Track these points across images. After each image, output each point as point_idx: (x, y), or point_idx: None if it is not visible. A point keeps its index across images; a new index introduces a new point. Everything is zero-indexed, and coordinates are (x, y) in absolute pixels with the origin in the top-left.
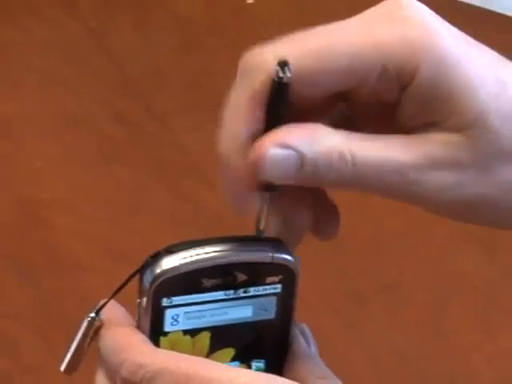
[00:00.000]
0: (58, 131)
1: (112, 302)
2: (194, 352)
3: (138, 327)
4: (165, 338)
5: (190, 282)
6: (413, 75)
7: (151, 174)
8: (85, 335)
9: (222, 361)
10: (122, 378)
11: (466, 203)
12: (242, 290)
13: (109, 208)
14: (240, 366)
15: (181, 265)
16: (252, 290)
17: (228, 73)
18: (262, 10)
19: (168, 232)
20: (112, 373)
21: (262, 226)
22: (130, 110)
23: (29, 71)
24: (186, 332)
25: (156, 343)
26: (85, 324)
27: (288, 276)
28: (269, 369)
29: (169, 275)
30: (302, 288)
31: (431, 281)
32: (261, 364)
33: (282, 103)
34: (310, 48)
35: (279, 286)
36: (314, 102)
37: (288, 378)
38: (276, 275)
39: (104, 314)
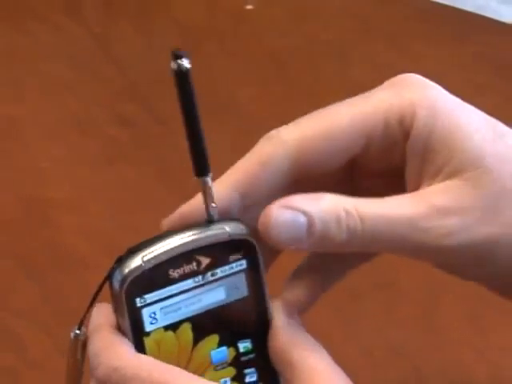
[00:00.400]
0: (63, 133)
1: (98, 305)
2: (180, 346)
3: (121, 332)
4: (148, 338)
5: (157, 276)
6: (411, 124)
7: (154, 175)
8: (73, 351)
9: (209, 349)
10: (97, 379)
11: (477, 247)
12: (209, 273)
13: (113, 207)
14: (228, 351)
15: (144, 262)
16: (219, 272)
17: (227, 76)
18: (261, 15)
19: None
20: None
21: (210, 209)
22: (132, 113)
23: (35, 75)
24: (166, 328)
25: (141, 345)
26: (72, 340)
27: (249, 250)
28: (255, 347)
29: (135, 274)
30: None
31: (424, 279)
32: (247, 343)
33: (189, 91)
34: (311, 125)
35: (244, 261)
36: (325, 179)
37: (273, 352)
38: (238, 251)
39: (91, 318)
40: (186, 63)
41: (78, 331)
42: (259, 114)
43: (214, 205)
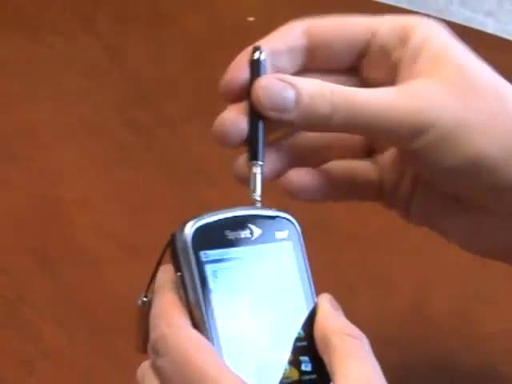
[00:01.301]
0: (77, 137)
1: (162, 266)
2: (240, 312)
3: (187, 303)
4: (214, 297)
5: (216, 235)
6: (412, 33)
7: (161, 176)
8: (140, 316)
9: (266, 324)
10: (151, 340)
11: (451, 131)
12: (261, 246)
13: (123, 206)
14: (283, 331)
15: (203, 218)
16: (270, 248)
17: None
18: (261, 27)
19: (176, 228)
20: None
21: (257, 196)
22: (141, 118)
23: (51, 83)
24: (228, 291)
25: (209, 303)
26: (138, 306)
27: (293, 232)
28: (306, 335)
29: (198, 225)
30: None
31: (415, 272)
32: (300, 330)
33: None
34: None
35: (290, 243)
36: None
37: (317, 337)
38: (283, 230)
39: (157, 278)
40: (261, 55)
41: (144, 298)
42: None
43: (258, 197)
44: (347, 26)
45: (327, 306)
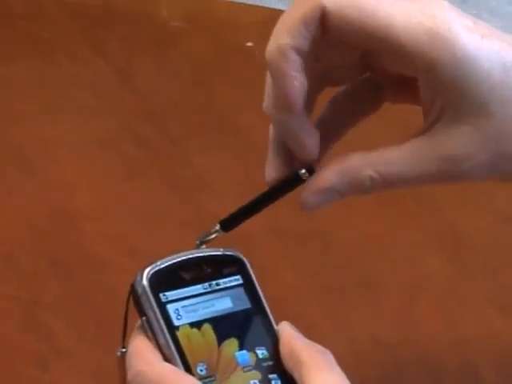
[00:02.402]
0: (88, 152)
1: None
2: (207, 344)
3: (156, 342)
4: (179, 332)
5: (172, 277)
6: (431, 63)
7: (167, 189)
8: (122, 365)
9: (232, 351)
10: (129, 380)
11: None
12: (214, 282)
13: (131, 216)
14: (249, 354)
15: (158, 264)
16: (221, 283)
17: (231, 103)
18: (259, 51)
19: (180, 237)
20: None
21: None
22: (149, 135)
23: (65, 102)
24: (191, 325)
25: (175, 339)
26: (118, 357)
27: (242, 266)
28: (271, 355)
29: (153, 270)
30: (292, 282)
31: (403, 278)
32: (264, 351)
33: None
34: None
35: (239, 276)
36: (344, 61)
37: (284, 356)
38: (232, 266)
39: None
40: (304, 175)
41: (122, 350)
42: (256, 136)
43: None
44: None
45: (290, 329)
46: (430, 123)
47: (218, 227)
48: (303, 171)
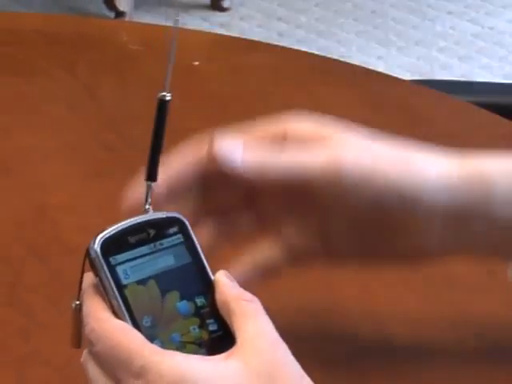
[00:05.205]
0: (61, 157)
1: (85, 275)
2: (151, 298)
3: (108, 300)
4: (126, 290)
5: (120, 242)
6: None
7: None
8: (76, 317)
9: (174, 302)
10: (86, 335)
11: None
12: (158, 243)
13: (99, 209)
14: (189, 304)
15: (109, 231)
16: (165, 243)
17: (180, 113)
18: (204, 69)
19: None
20: None
21: (147, 206)
22: (112, 141)
23: (40, 115)
24: (138, 283)
25: (124, 296)
26: (73, 309)
27: (182, 226)
28: (209, 303)
29: (104, 238)
30: (289, 283)
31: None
32: (202, 299)
33: (164, 116)
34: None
35: (180, 235)
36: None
37: (219, 304)
38: (174, 227)
39: (83, 285)
40: (167, 96)
41: (77, 302)
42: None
43: (148, 206)
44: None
45: (224, 278)
46: None
47: (147, 183)
48: (164, 94)
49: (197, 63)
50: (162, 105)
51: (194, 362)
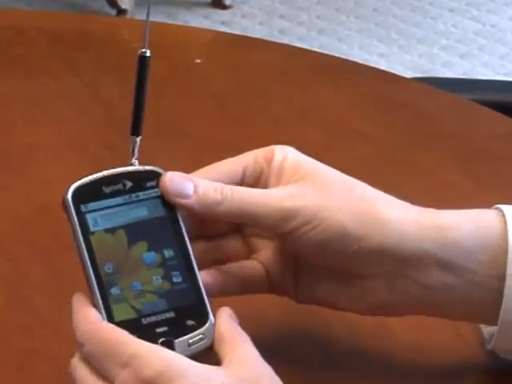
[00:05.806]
0: (64, 154)
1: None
2: (117, 246)
3: (76, 244)
4: (93, 237)
5: (94, 191)
6: (272, 157)
7: None
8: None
9: (140, 252)
10: (75, 340)
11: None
12: (134, 195)
13: None
14: (156, 255)
15: (83, 181)
16: (141, 195)
17: (183, 111)
18: (206, 67)
19: None
20: None
21: (134, 159)
22: (114, 139)
23: (43, 113)
24: (106, 231)
25: (88, 242)
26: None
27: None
28: (177, 255)
29: (77, 186)
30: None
31: None
32: (171, 252)
33: (145, 72)
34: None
35: (158, 189)
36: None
37: (216, 336)
38: (152, 180)
39: (72, 302)
40: (147, 53)
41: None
42: (204, 139)
43: (135, 160)
44: (222, 169)
45: (224, 316)
46: None
47: (132, 139)
48: (144, 50)
49: (199, 61)
50: (143, 61)
51: (182, 357)
